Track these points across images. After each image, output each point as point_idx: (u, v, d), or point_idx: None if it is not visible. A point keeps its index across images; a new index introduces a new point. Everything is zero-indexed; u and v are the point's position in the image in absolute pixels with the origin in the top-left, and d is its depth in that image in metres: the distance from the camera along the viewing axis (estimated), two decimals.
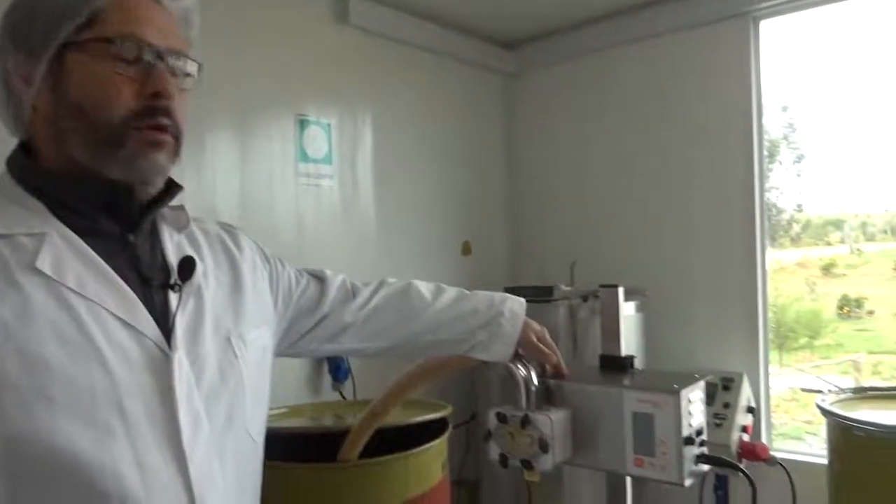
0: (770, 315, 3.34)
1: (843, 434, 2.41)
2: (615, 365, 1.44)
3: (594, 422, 1.35)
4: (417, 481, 2.01)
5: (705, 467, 1.32)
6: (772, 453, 2.83)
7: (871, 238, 3.81)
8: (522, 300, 1.44)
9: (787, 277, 3.77)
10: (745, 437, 2.85)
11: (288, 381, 2.66)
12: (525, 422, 1.32)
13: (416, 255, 3.21)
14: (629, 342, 2.92)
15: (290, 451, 2.06)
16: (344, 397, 2.75)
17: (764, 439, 3.10)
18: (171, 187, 1.02)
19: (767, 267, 3.16)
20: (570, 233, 3.57)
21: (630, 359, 1.43)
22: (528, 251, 3.74)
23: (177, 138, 0.96)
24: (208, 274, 1.03)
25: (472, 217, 3.55)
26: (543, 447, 1.31)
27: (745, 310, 3.12)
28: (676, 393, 1.24)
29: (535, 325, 1.42)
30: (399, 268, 3.11)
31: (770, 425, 3.19)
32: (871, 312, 3.84)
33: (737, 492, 3.02)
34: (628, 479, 1.44)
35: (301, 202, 2.73)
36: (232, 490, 0.95)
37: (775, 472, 2.81)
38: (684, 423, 1.26)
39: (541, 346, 1.40)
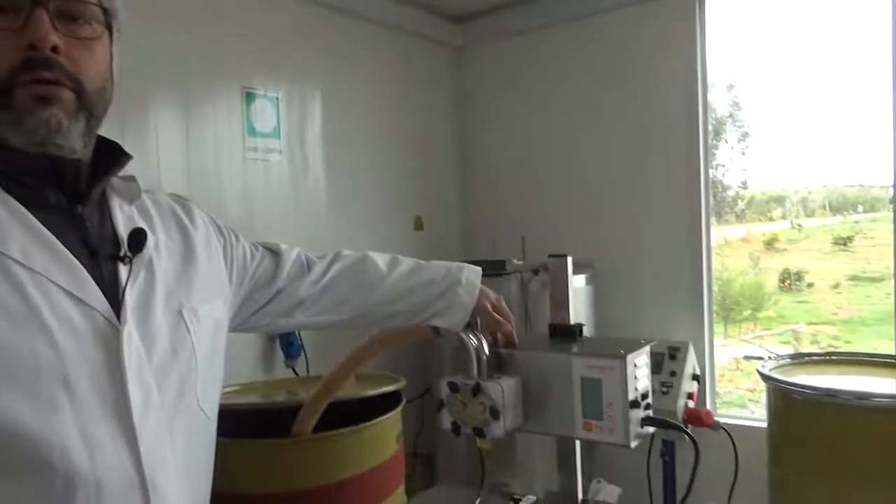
0: (715, 288, 3.45)
1: (782, 397, 2.52)
2: (564, 333, 1.47)
3: (544, 388, 1.38)
4: (372, 453, 2.02)
5: (651, 429, 1.37)
6: (716, 419, 2.93)
7: (811, 214, 3.94)
8: (478, 269, 1.45)
9: (731, 252, 3.88)
10: (691, 404, 2.95)
11: (239, 359, 2.63)
12: (476, 390, 1.34)
13: (367, 231, 3.20)
14: (579, 314, 2.99)
15: (243, 427, 2.04)
16: (297, 374, 2.74)
17: (708, 406, 3.21)
18: (121, 156, 0.99)
19: (713, 241, 3.25)
20: (521, 207, 3.61)
21: (579, 327, 1.46)
22: (479, 226, 3.76)
23: (78, 92, 0.89)
24: (160, 246, 1.01)
25: (424, 192, 3.54)
26: (495, 415, 1.33)
27: (691, 282, 3.21)
28: (623, 357, 1.27)
29: (491, 294, 1.44)
30: (351, 244, 3.04)
31: (714, 392, 3.31)
32: (810, 285, 3.99)
33: (683, 457, 3.13)
34: (577, 444, 1.47)
35: (249, 177, 2.68)
36: (183, 465, 0.94)
37: (719, 436, 2.91)
38: (630, 386, 1.30)
39: (495, 315, 1.41)
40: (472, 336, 1.40)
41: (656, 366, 2.96)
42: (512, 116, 3.68)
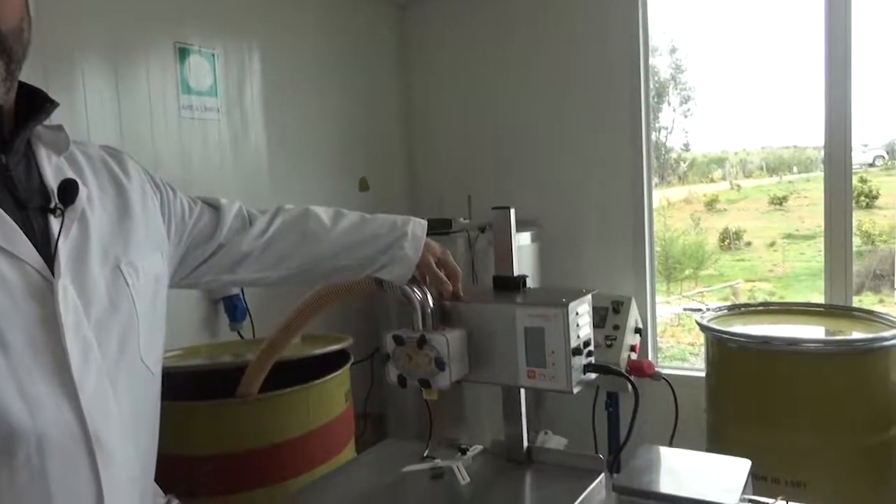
0: (658, 248, 3.53)
1: (718, 346, 2.61)
2: (508, 285, 1.48)
3: (489, 339, 1.39)
4: (320, 412, 2.02)
5: (592, 376, 1.39)
6: (657, 369, 3.02)
7: (749, 175, 4.05)
8: (424, 222, 1.44)
9: (674, 213, 3.98)
10: (633, 356, 3.03)
11: (183, 324, 2.58)
12: (422, 342, 1.34)
13: (311, 192, 3.14)
14: (525, 271, 3.03)
15: (189, 390, 2.02)
16: (242, 337, 2.70)
17: (650, 357, 3.31)
18: (45, 104, 0.94)
19: (655, 201, 3.32)
20: (467, 167, 3.60)
21: (522, 278, 1.47)
22: (426, 186, 3.75)
23: None
24: (93, 198, 0.97)
25: (369, 152, 3.50)
26: (440, 366, 1.33)
27: (633, 239, 3.28)
28: (565, 305, 1.29)
29: (436, 247, 1.43)
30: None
31: (656, 345, 3.41)
32: (748, 244, 4.11)
33: (627, 409, 3.23)
34: (522, 393, 1.49)
35: (185, 137, 2.60)
36: (128, 420, 0.92)
37: (660, 386, 3.02)
38: (572, 334, 1.32)
39: (438, 272, 1.40)
40: (416, 289, 1.40)
41: (600, 320, 3.03)
42: (456, 74, 3.64)
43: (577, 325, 1.35)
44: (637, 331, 3.10)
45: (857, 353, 2.35)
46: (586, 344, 1.38)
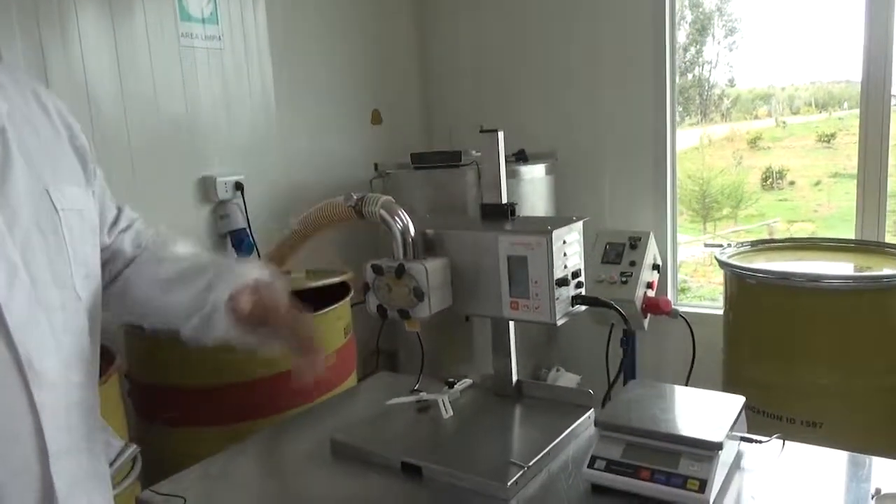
0: (696, 188, 3.38)
1: (737, 283, 2.51)
2: (496, 213, 1.40)
3: (472, 269, 1.33)
4: None
5: (581, 308, 1.33)
6: (674, 307, 2.94)
7: (796, 111, 3.85)
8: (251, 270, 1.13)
9: (715, 152, 3.82)
10: (650, 293, 2.95)
11: None
12: (400, 272, 1.29)
13: (321, 126, 3.07)
14: (538, 204, 2.95)
15: None
16: None
17: (670, 296, 3.22)
18: None
19: (695, 137, 3.13)
20: (482, 98, 3.47)
21: (511, 206, 1.40)
22: (439, 118, 3.63)
23: None
24: (16, 117, 0.91)
25: (381, 84, 3.38)
26: (419, 296, 1.28)
27: (654, 172, 3.14)
28: (549, 233, 1.22)
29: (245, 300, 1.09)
30: (303, 141, 2.97)
31: (676, 282, 3.31)
32: (792, 183, 3.93)
33: (643, 347, 3.16)
34: (511, 325, 1.44)
35: (187, 68, 2.52)
36: (67, 349, 0.89)
37: (678, 324, 2.94)
38: (558, 264, 1.25)
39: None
40: (397, 217, 1.33)
41: (616, 256, 2.94)
42: (472, 3, 3.48)
43: (565, 255, 1.28)
44: (655, 267, 3.00)
45: (882, 289, 2.22)
46: (575, 275, 1.31)
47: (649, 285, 2.95)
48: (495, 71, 3.44)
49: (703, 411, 1.20)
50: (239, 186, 2.64)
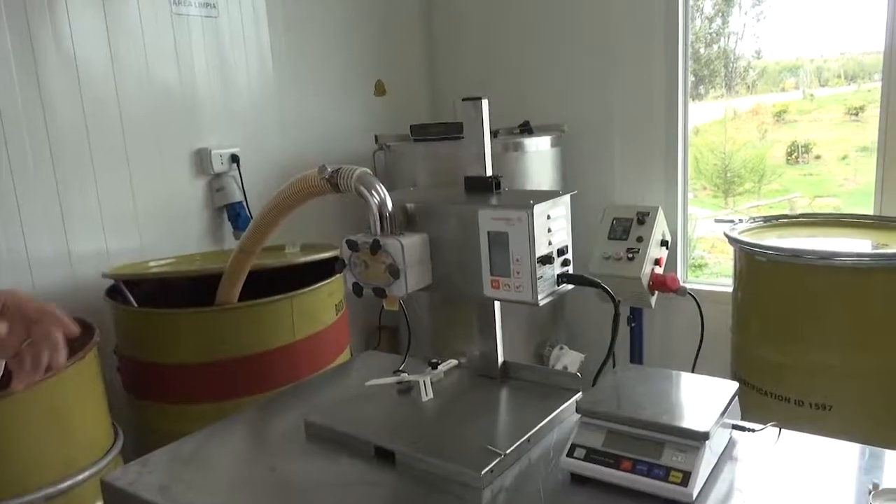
0: (717, 161, 3.27)
1: (746, 260, 2.42)
2: (480, 186, 1.33)
3: (452, 245, 1.26)
4: (307, 322, 1.95)
5: (568, 287, 1.25)
6: (682, 284, 2.85)
7: (825, 83, 3.71)
8: None
9: (740, 125, 3.71)
10: (658, 270, 2.86)
11: (187, 231, 2.52)
12: (375, 248, 1.22)
13: (322, 97, 2.99)
14: (543, 176, 2.86)
15: (181, 297, 1.98)
16: None
17: (679, 273, 3.13)
18: None
19: (721, 110, 3.00)
20: (490, 70, 3.37)
21: (496, 179, 1.32)
22: (446, 89, 3.54)
23: None
24: None
25: (385, 54, 3.29)
26: (395, 273, 1.22)
27: (665, 145, 3.03)
28: (530, 208, 1.14)
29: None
30: (302, 112, 2.90)
31: (686, 259, 3.21)
32: (818, 157, 3.82)
33: (651, 325, 3.09)
34: (497, 304, 1.37)
35: (180, 38, 2.46)
36: None
37: (687, 301, 2.85)
38: (542, 240, 1.17)
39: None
40: (373, 191, 1.27)
41: (623, 231, 2.85)
42: None
43: (549, 231, 1.20)
44: (664, 244, 2.91)
45: None
46: (561, 252, 1.23)
47: (657, 262, 2.86)
48: (502, 41, 3.34)
49: (693, 398, 1.13)
50: (235, 159, 2.59)
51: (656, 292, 2.86)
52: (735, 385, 1.16)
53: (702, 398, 1.12)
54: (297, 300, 1.89)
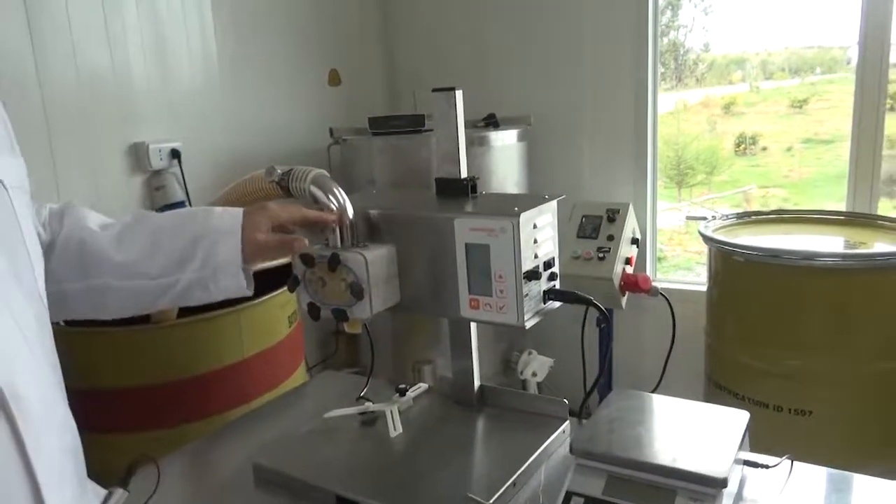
0: (671, 153, 3.21)
1: (723, 260, 2.32)
2: (453, 189, 1.16)
3: (424, 259, 1.10)
4: (257, 338, 1.76)
5: (555, 304, 1.10)
6: (654, 284, 2.74)
7: (770, 76, 3.74)
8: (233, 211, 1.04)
9: (689, 117, 3.71)
10: (629, 269, 2.75)
11: None
12: (334, 263, 1.05)
13: (271, 86, 2.78)
14: (509, 173, 2.71)
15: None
16: None
17: (648, 271, 3.03)
18: None
19: (671, 102, 2.94)
20: (452, 58, 3.20)
21: (471, 181, 1.16)
22: (405, 79, 3.36)
23: None
24: None
25: (340, 41, 3.09)
26: (357, 293, 1.05)
27: (635, 141, 2.92)
28: (515, 217, 0.99)
29: (262, 221, 1.03)
30: (253, 104, 2.69)
31: (655, 257, 3.12)
32: (764, 148, 3.82)
33: (621, 325, 2.97)
34: (473, 324, 1.21)
35: (111, 17, 2.21)
36: (44, 367, 0.69)
37: (659, 301, 2.75)
38: (527, 253, 1.02)
39: (279, 239, 1.04)
40: (331, 196, 1.09)
41: (593, 230, 2.73)
42: None
43: (535, 242, 1.05)
44: (634, 241, 2.79)
45: (880, 268, 2.04)
46: (548, 265, 1.08)
47: (628, 261, 2.75)
48: (465, 28, 3.17)
49: (701, 433, 0.99)
50: (176, 154, 2.37)
51: (627, 293, 2.74)
52: (746, 416, 1.02)
53: (712, 433, 0.98)
54: (245, 313, 1.70)
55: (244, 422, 1.34)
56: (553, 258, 1.10)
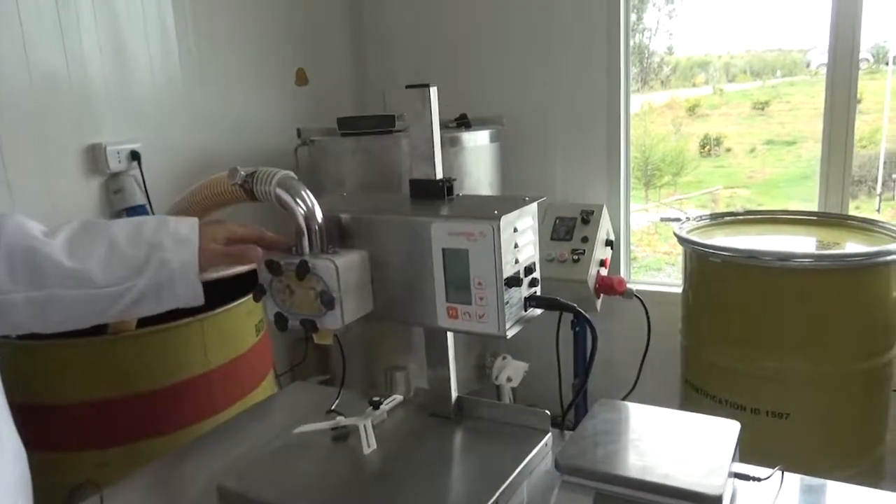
0: (638, 155, 3.20)
1: (699, 261, 2.30)
2: (429, 191, 1.10)
3: (399, 265, 1.04)
4: (222, 348, 1.68)
5: (537, 312, 1.05)
6: (629, 286, 2.72)
7: (732, 79, 3.82)
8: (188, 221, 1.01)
9: (655, 118, 3.75)
10: (603, 272, 2.72)
11: None
12: (303, 271, 0.98)
13: (235, 85, 2.69)
14: (481, 174, 2.66)
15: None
16: None
17: (622, 273, 3.00)
18: None
19: (636, 104, 2.93)
20: (421, 56, 3.14)
21: (447, 182, 1.10)
22: (375, 78, 3.29)
23: None
24: None
25: (307, 38, 3.01)
26: (327, 302, 0.98)
27: (608, 140, 2.89)
28: (496, 220, 0.93)
29: (218, 230, 1.01)
30: (215, 104, 2.59)
31: (629, 259, 3.09)
32: (728, 150, 3.90)
33: (597, 326, 2.93)
34: (450, 333, 1.15)
35: (65, 11, 2.11)
36: None
37: (632, 303, 2.72)
38: (507, 258, 0.96)
39: (232, 250, 1.01)
40: (298, 199, 1.02)
41: (567, 232, 2.69)
42: None
43: (516, 246, 0.99)
44: (608, 243, 2.77)
45: (856, 268, 2.03)
46: (529, 270, 1.03)
47: (602, 263, 2.72)
48: (435, 26, 3.11)
49: (692, 445, 0.94)
50: (135, 156, 2.27)
51: (602, 295, 2.71)
52: (736, 426, 0.98)
53: (702, 445, 0.94)
54: (209, 322, 1.62)
55: (207, 439, 1.26)
56: (534, 263, 1.05)
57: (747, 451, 1.01)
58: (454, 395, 1.19)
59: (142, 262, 0.94)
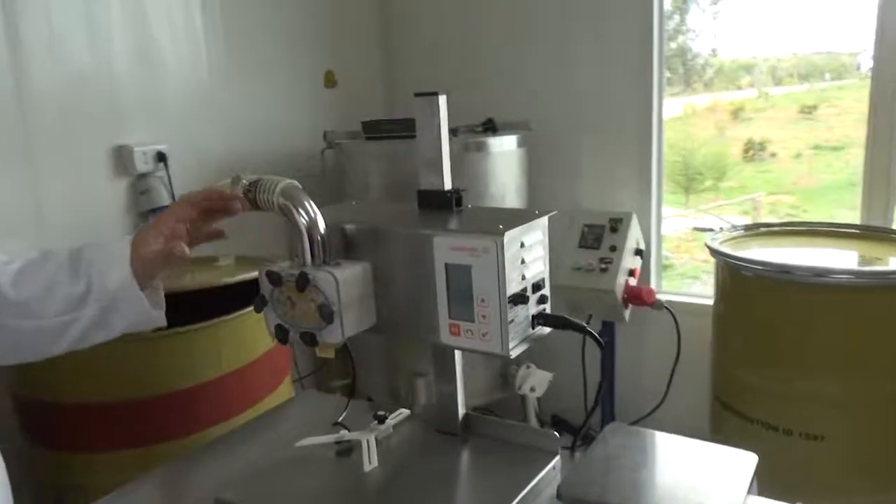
0: (679, 159, 3.12)
1: (731, 274, 2.21)
2: (436, 202, 1.07)
3: (402, 278, 1.00)
4: (237, 352, 1.67)
5: (546, 331, 1.01)
6: (658, 297, 2.64)
7: (779, 82, 3.69)
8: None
9: (697, 122, 3.66)
10: (632, 282, 2.64)
11: (105, 240, 2.20)
12: (302, 282, 0.96)
13: (263, 87, 2.69)
14: (508, 180, 2.61)
15: None
16: None
17: (653, 283, 2.92)
18: None
19: (679, 107, 2.85)
20: (450, 60, 3.11)
21: (456, 193, 1.06)
22: (402, 81, 3.26)
23: None
24: None
25: (337, 41, 3.00)
26: (327, 315, 0.95)
27: (639, 145, 2.82)
28: (500, 235, 0.89)
29: (149, 234, 1.00)
30: (246, 107, 2.60)
31: (660, 268, 3.01)
32: (773, 154, 3.76)
33: (625, 337, 2.87)
34: (457, 352, 1.12)
35: (94, 13, 2.13)
36: None
37: (664, 313, 2.65)
38: (513, 275, 0.92)
39: (157, 249, 0.99)
40: (301, 209, 1.00)
41: (595, 240, 2.63)
42: None
43: (523, 262, 0.95)
44: (638, 252, 2.69)
45: None
46: (537, 287, 0.99)
47: (631, 273, 2.65)
48: (465, 31, 3.08)
49: (705, 478, 0.89)
50: (161, 157, 2.28)
51: (630, 305, 2.64)
52: (754, 459, 0.93)
53: (715, 479, 0.89)
54: (225, 326, 1.61)
55: (209, 448, 1.25)
56: (543, 279, 1.01)
57: (778, 473, 0.96)
58: (461, 411, 1.15)
59: (83, 292, 0.95)
